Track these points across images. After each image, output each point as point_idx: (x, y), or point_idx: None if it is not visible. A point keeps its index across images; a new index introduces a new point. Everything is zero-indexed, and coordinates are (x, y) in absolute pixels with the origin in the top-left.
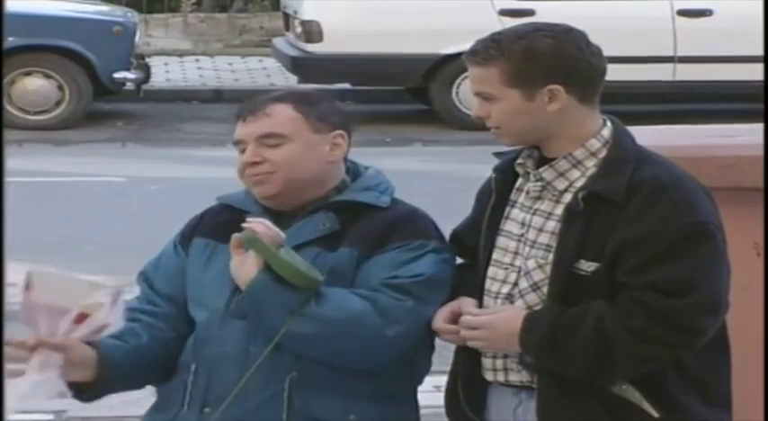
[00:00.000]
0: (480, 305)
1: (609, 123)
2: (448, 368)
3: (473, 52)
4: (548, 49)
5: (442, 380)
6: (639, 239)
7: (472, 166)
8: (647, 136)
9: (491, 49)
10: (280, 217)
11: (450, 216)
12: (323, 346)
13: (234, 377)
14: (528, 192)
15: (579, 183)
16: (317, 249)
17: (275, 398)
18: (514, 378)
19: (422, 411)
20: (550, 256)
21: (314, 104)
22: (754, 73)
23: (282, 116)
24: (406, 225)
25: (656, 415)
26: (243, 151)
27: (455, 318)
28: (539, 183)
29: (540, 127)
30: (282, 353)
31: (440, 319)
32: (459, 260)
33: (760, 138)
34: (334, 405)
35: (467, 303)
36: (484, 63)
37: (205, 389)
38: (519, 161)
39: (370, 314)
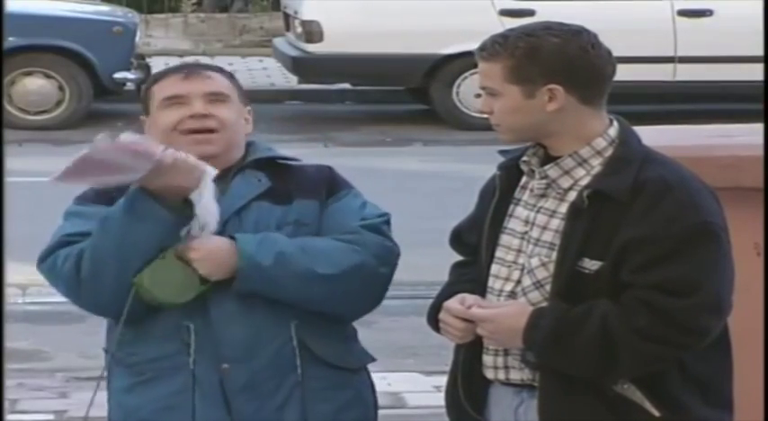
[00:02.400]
0: None
1: (615, 123)
2: (447, 368)
3: (482, 47)
4: (551, 48)
5: (441, 380)
6: (644, 238)
7: (472, 166)
8: (648, 136)
9: (497, 44)
10: None
11: (449, 215)
12: (332, 303)
13: (244, 332)
14: (532, 190)
15: (584, 182)
16: (265, 204)
17: (286, 347)
18: (515, 376)
19: (421, 411)
20: (554, 254)
21: (235, 79)
22: (754, 73)
23: (222, 80)
24: (336, 176)
25: (657, 414)
26: (176, 105)
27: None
28: (543, 181)
29: (538, 125)
30: (281, 303)
31: (455, 303)
32: (460, 257)
33: (760, 139)
34: (335, 349)
35: (470, 298)
36: (489, 58)
37: (215, 346)
38: (524, 159)
39: (365, 259)
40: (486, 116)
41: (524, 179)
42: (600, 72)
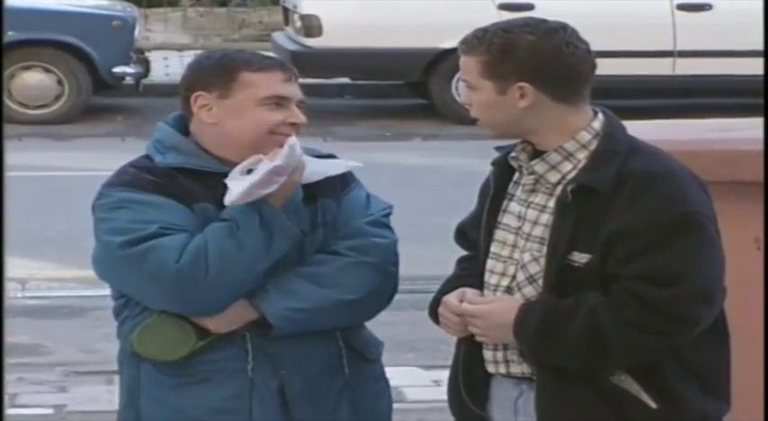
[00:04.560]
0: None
1: (600, 115)
2: (447, 362)
3: (463, 40)
4: (525, 45)
5: (441, 374)
6: (628, 230)
7: (471, 161)
8: (647, 130)
9: (476, 38)
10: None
11: (449, 210)
12: (361, 318)
13: (296, 340)
14: (523, 186)
15: (571, 176)
16: (300, 205)
17: (334, 350)
18: (515, 369)
19: (421, 406)
20: (544, 249)
21: None
22: (753, 67)
23: None
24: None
25: (654, 405)
26: (278, 106)
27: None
28: (531, 177)
29: (513, 121)
30: None
31: (453, 298)
32: (464, 253)
33: (759, 133)
34: (367, 342)
35: (470, 292)
36: (468, 51)
37: (271, 353)
38: (512, 155)
39: (376, 268)
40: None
41: (517, 174)
42: (574, 71)
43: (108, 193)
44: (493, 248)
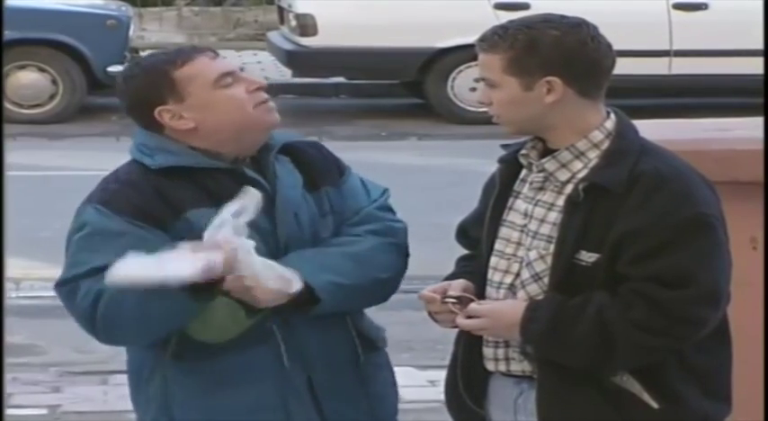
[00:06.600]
0: (482, 294)
1: (613, 115)
2: (443, 363)
3: (482, 38)
4: (550, 40)
5: (437, 374)
6: (639, 230)
7: (467, 160)
8: (644, 130)
9: (497, 35)
10: (239, 165)
11: (444, 210)
12: (385, 298)
13: (315, 331)
14: (531, 183)
15: (582, 175)
16: (303, 191)
17: (348, 339)
18: (516, 367)
19: (416, 406)
20: (552, 247)
21: None
22: (750, 67)
23: None
24: (335, 156)
25: (655, 406)
26: (234, 82)
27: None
28: (541, 174)
29: (538, 117)
30: None
31: (429, 290)
32: (465, 251)
33: (756, 132)
34: (374, 329)
35: (457, 284)
36: (489, 49)
37: (298, 346)
38: (522, 152)
39: (401, 249)
40: (484, 108)
41: (524, 172)
42: (598, 65)
43: (83, 209)
44: (497, 246)
